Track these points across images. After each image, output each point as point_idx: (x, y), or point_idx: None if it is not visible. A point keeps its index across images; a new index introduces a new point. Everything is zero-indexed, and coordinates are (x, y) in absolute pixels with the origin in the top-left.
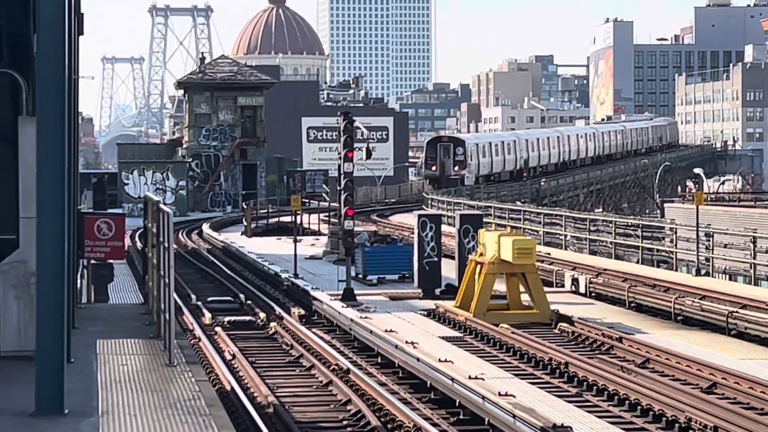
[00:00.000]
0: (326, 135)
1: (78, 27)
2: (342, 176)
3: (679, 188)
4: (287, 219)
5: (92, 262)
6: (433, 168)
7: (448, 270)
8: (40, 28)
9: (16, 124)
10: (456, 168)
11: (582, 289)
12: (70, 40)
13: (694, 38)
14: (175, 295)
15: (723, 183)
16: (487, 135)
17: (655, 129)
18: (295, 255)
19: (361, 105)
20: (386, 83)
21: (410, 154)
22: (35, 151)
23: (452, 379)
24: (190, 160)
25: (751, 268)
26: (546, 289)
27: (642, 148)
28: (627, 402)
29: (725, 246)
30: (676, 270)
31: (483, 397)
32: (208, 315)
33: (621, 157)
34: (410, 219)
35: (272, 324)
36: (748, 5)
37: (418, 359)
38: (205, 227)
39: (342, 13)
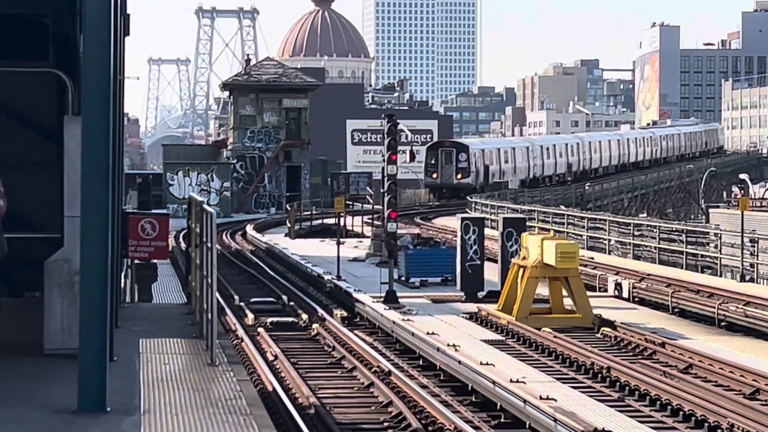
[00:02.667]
0: (370, 137)
1: (124, 28)
2: (385, 179)
3: (725, 194)
4: (331, 221)
5: (136, 261)
6: (434, 175)
7: (491, 273)
8: (86, 29)
9: (62, 123)
10: (459, 176)
11: (625, 294)
12: (116, 40)
13: (741, 43)
14: (217, 296)
15: None
16: (496, 140)
17: (690, 135)
18: (338, 257)
19: (406, 108)
20: (431, 86)
21: None
22: (80, 150)
23: (494, 383)
24: (235, 161)
25: None
26: (589, 293)
27: (673, 156)
28: (669, 407)
29: None
30: (721, 276)
31: (524, 401)
32: (250, 316)
33: (649, 165)
34: (453, 222)
35: (314, 325)
36: None
37: (459, 362)
38: (249, 228)
39: (387, 15)
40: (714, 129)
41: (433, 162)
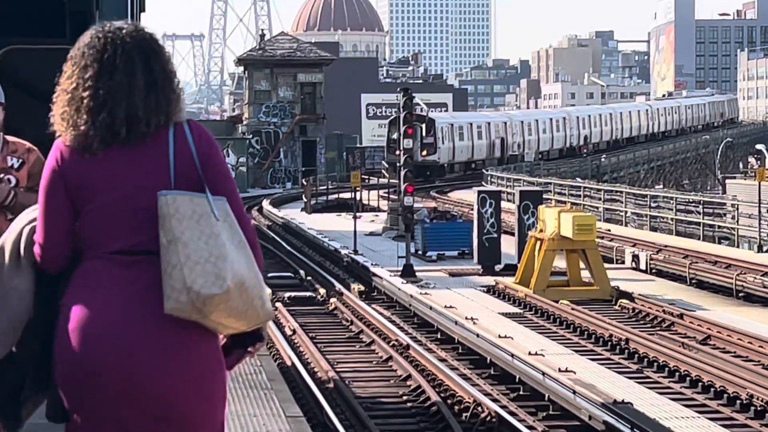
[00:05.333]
0: (386, 111)
1: (140, 4)
2: (401, 152)
3: (741, 164)
4: (347, 195)
5: None
6: (397, 152)
7: (508, 246)
8: (102, 5)
9: None
10: (423, 152)
11: (642, 266)
12: (131, 17)
13: (756, 13)
14: None
15: None
16: (469, 114)
17: (694, 108)
18: (355, 231)
19: (421, 81)
20: (445, 59)
21: None
22: None
23: (512, 355)
24: (250, 136)
25: None
26: (606, 265)
27: (673, 130)
28: (688, 378)
29: None
30: (738, 246)
31: (543, 373)
32: (268, 290)
33: (646, 140)
34: (470, 195)
35: (332, 300)
36: None
37: (477, 335)
38: (265, 203)
39: None
40: (722, 101)
41: (395, 137)
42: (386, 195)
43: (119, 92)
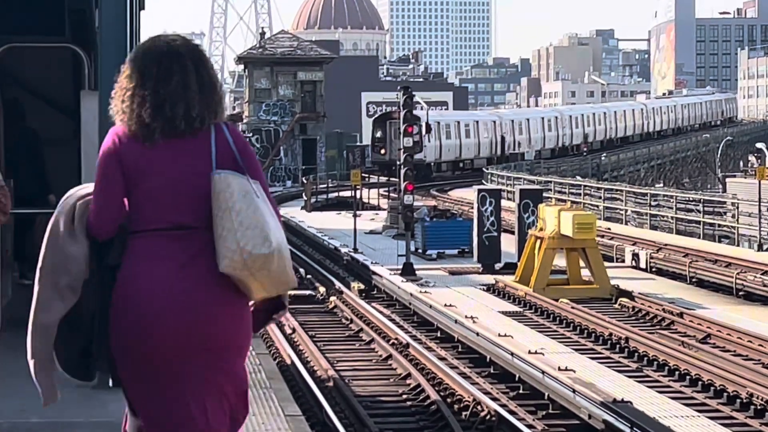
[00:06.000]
0: (386, 110)
1: (139, 2)
2: (402, 151)
3: (741, 163)
4: (347, 193)
5: None
6: (382, 151)
7: (508, 245)
8: (102, 3)
9: (78, 98)
10: None
11: (642, 264)
12: (131, 14)
13: (757, 12)
14: None
15: None
16: (457, 113)
17: (689, 107)
18: (355, 229)
19: (421, 80)
20: (446, 58)
21: None
22: (97, 125)
23: (512, 354)
24: (250, 134)
25: None
26: (606, 264)
27: (668, 129)
28: (687, 377)
29: None
30: (738, 245)
31: (543, 372)
32: None
33: (641, 140)
34: (470, 194)
35: (332, 298)
36: None
37: (477, 334)
38: None
39: None
40: (720, 99)
41: (379, 136)
42: (386, 193)
43: (177, 93)
